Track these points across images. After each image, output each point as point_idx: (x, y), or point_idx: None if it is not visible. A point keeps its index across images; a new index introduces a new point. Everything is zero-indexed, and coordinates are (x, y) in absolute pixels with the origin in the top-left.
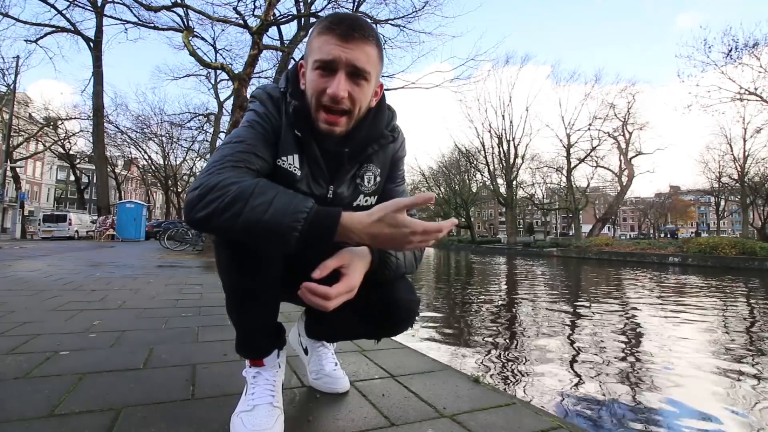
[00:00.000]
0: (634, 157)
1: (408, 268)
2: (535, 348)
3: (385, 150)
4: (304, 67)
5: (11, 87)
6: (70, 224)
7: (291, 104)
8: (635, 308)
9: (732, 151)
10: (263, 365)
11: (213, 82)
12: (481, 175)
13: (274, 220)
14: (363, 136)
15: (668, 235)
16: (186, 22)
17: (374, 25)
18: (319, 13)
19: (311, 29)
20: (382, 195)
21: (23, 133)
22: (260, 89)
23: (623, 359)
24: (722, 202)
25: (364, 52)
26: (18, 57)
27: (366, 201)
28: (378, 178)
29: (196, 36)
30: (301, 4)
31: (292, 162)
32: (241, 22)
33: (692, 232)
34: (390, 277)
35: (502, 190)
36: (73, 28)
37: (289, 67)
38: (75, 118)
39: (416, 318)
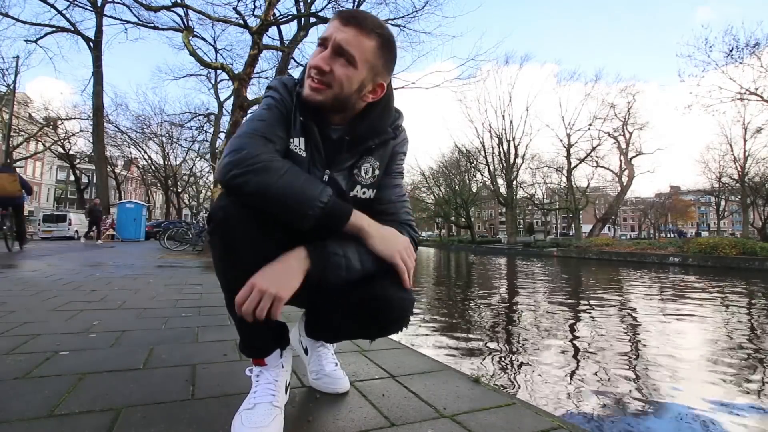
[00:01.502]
0: (634, 157)
1: (366, 266)
2: (535, 348)
3: (386, 145)
4: None
5: (11, 87)
6: (70, 224)
7: (297, 92)
8: (635, 308)
9: (732, 151)
10: (265, 365)
11: (213, 82)
12: (481, 175)
13: (308, 187)
14: (365, 128)
15: (677, 235)
16: (186, 22)
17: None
18: (319, 13)
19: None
20: (378, 187)
21: (23, 133)
22: (276, 79)
23: (624, 359)
24: (722, 202)
25: (355, 37)
26: (18, 57)
27: (364, 193)
28: (377, 171)
29: (196, 36)
30: (301, 4)
31: (298, 144)
32: (241, 22)
33: (692, 232)
34: (345, 277)
35: (502, 190)
36: (73, 28)
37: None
38: (75, 118)
39: (410, 318)
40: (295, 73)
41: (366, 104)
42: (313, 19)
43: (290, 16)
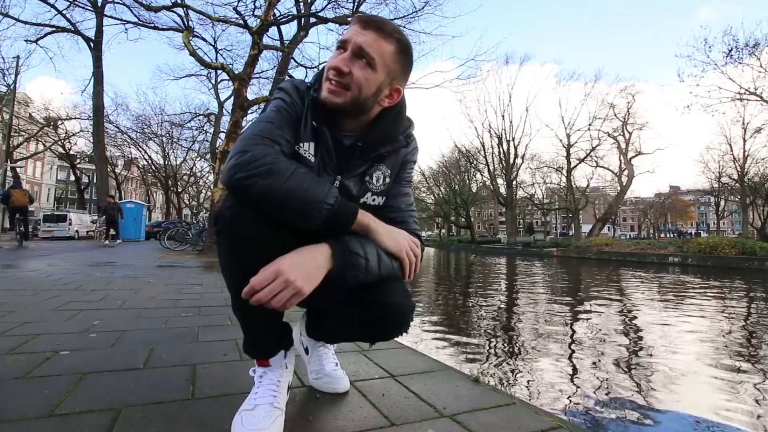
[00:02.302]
0: (633, 157)
1: (383, 271)
2: (535, 348)
3: (397, 153)
4: None
5: (11, 87)
6: (70, 224)
7: (311, 96)
8: (635, 308)
9: (732, 151)
10: (269, 365)
11: (213, 82)
12: (481, 175)
13: (313, 189)
14: (378, 135)
15: (677, 235)
16: (186, 22)
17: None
18: (319, 13)
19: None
20: (388, 194)
21: (23, 133)
22: (289, 82)
23: (623, 359)
24: (722, 202)
25: (375, 40)
26: (18, 57)
27: (374, 200)
28: (387, 179)
29: (197, 36)
30: (301, 4)
31: (307, 149)
32: (241, 22)
33: (692, 232)
34: (362, 280)
35: (502, 190)
36: (73, 28)
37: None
38: (75, 118)
39: (410, 323)
40: (295, 72)
41: (380, 110)
42: (313, 20)
43: (290, 17)
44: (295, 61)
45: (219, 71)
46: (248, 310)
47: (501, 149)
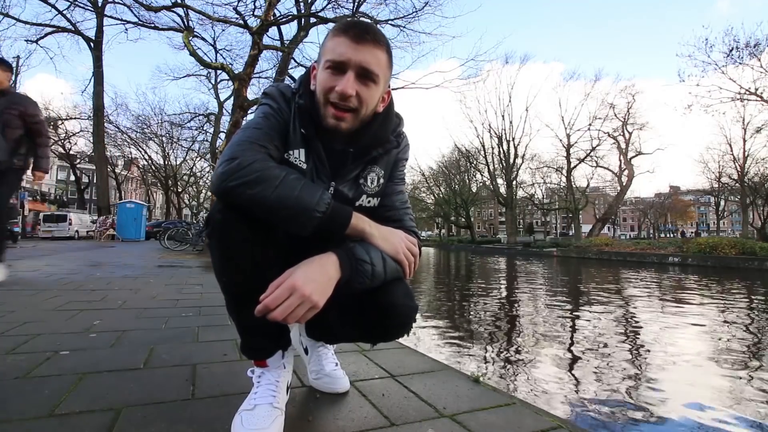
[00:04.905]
0: (633, 157)
1: (389, 275)
2: (535, 348)
3: (389, 153)
4: (316, 69)
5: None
6: (70, 224)
7: (296, 103)
8: (635, 309)
9: (732, 151)
10: (267, 366)
11: (213, 82)
12: (481, 175)
13: (304, 197)
14: (369, 138)
15: (681, 235)
16: (186, 22)
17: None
18: (319, 13)
19: (327, 32)
20: (382, 194)
21: None
22: (273, 87)
23: (623, 359)
24: (722, 202)
25: (374, 55)
26: (18, 57)
27: (369, 202)
28: (381, 180)
29: (197, 36)
30: (301, 4)
31: (298, 156)
32: (241, 22)
33: (692, 232)
34: (368, 285)
35: (502, 190)
36: (73, 28)
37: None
38: (75, 118)
39: (413, 325)
40: (295, 72)
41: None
42: (313, 20)
43: (290, 17)
44: (295, 61)
45: (219, 71)
46: (243, 312)
47: (501, 149)
